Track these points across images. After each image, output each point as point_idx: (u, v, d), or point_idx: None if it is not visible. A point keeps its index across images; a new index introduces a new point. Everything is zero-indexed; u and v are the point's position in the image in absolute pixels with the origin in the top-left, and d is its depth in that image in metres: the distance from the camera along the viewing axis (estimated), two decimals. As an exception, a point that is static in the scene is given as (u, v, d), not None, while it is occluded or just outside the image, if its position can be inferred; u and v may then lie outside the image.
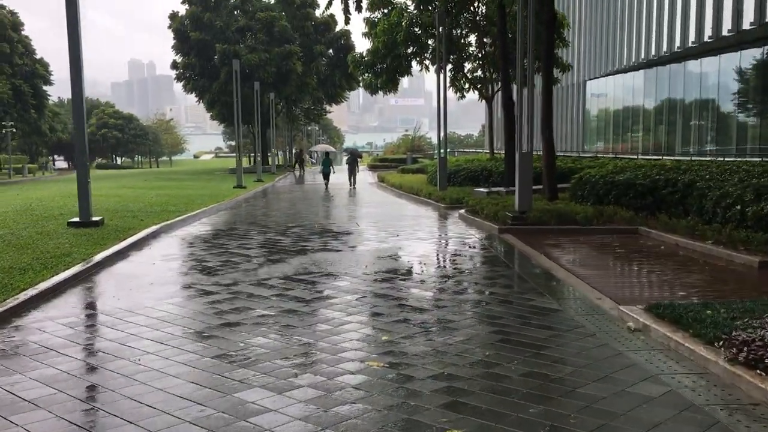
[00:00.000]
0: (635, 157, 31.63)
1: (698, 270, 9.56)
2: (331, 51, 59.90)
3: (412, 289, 8.57)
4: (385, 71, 29.23)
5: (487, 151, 39.72)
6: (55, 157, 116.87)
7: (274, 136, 58.34)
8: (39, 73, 56.98)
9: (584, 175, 16.55)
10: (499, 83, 32.04)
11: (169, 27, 54.94)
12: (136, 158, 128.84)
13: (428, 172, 30.76)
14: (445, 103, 24.53)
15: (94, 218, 13.71)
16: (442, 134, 24.81)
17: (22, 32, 55.83)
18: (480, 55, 31.19)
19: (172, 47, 55.65)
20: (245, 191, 29.58)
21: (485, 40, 30.16)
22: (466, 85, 32.94)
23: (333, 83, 60.24)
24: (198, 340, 6.29)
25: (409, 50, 29.33)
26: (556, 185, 16.85)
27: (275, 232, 14.38)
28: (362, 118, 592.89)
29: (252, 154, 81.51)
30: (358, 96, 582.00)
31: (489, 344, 6.14)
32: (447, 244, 12.73)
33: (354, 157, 31.40)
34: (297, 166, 48.88)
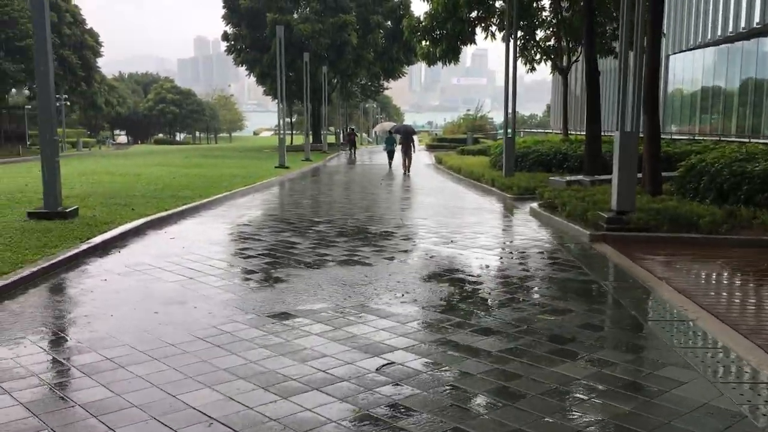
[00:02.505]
0: (746, 140, 27.02)
1: None
2: (389, 23, 56.18)
3: (464, 349, 5.24)
4: (445, 38, 25.57)
5: (557, 131, 35.74)
6: (116, 131, 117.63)
7: (326, 112, 55.27)
8: (88, 43, 55.33)
9: (697, 163, 12.76)
10: (577, 53, 28.11)
11: (219, -5, 52.35)
12: (196, 134, 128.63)
13: (491, 155, 27.13)
14: (514, 74, 20.81)
15: (64, 208, 10.80)
16: (510, 110, 21.11)
17: (72, 1, 54.30)
18: (555, 21, 27.19)
19: (222, 17, 53.02)
20: (286, 172, 26.64)
21: (562, 3, 26.14)
22: (537, 56, 29.00)
23: (391, 57, 56.56)
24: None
25: (473, 14, 25.59)
26: (660, 176, 13.10)
27: (293, 231, 11.20)
28: (423, 97, 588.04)
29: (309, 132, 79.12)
30: (420, 74, 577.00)
31: None
32: (519, 259, 9.24)
33: (408, 135, 27.36)
34: (349, 146, 45.79)
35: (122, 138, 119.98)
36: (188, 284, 7.33)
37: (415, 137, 28.21)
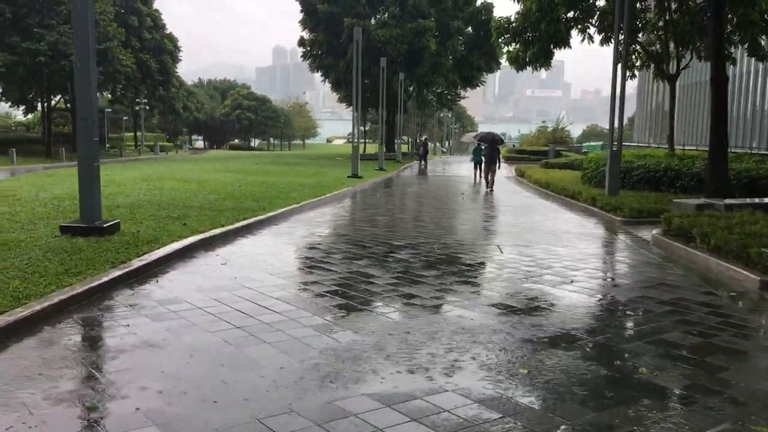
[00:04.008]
0: None
1: None
2: (469, 28, 53.96)
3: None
4: (538, 41, 23.25)
5: (657, 145, 32.73)
6: (194, 136, 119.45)
7: (401, 121, 53.46)
8: (167, 48, 55.32)
9: None
10: (686, 59, 25.27)
11: (296, -1, 51.39)
12: (270, 140, 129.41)
13: (585, 169, 24.58)
14: (623, 79, 18.37)
15: (103, 222, 9.16)
16: (616, 119, 18.63)
17: (153, 5, 54.47)
18: (661, 23, 24.45)
19: (299, 22, 51.97)
20: (359, 182, 24.87)
21: (671, 4, 23.41)
22: (638, 63, 26.30)
23: (470, 64, 54.26)
24: None
25: (570, 14, 23.20)
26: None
27: (370, 259, 9.23)
28: (497, 109, 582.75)
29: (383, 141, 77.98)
30: (494, 86, 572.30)
31: None
32: (673, 313, 6.92)
33: (493, 146, 24.76)
34: (420, 157, 43.95)
35: (199, 143, 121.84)
36: (232, 338, 5.46)
37: (499, 148, 25.56)
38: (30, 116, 61.83)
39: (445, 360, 5.01)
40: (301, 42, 53.50)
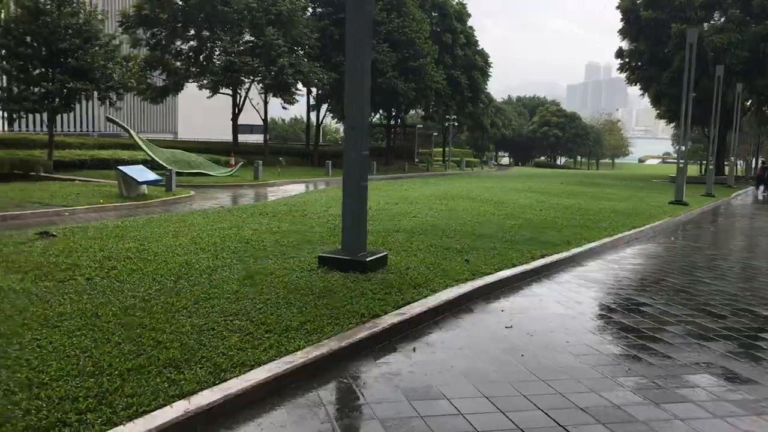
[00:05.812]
0: None
1: None
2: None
3: None
4: None
5: None
6: (500, 152, 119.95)
7: (736, 140, 45.86)
8: (478, 64, 54.98)
9: None
10: None
11: (617, 7, 47.05)
12: (577, 158, 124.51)
13: None
14: None
15: (367, 254, 7.44)
16: None
17: (467, 23, 54.63)
18: None
19: (619, 31, 47.62)
20: (685, 210, 20.71)
21: None
22: None
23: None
24: None
25: None
26: None
27: (730, 340, 6.10)
28: None
29: (702, 162, 69.29)
30: None
31: None
32: None
33: None
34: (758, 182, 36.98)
35: (505, 159, 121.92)
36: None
37: None
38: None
39: None
40: (620, 53, 49.14)
